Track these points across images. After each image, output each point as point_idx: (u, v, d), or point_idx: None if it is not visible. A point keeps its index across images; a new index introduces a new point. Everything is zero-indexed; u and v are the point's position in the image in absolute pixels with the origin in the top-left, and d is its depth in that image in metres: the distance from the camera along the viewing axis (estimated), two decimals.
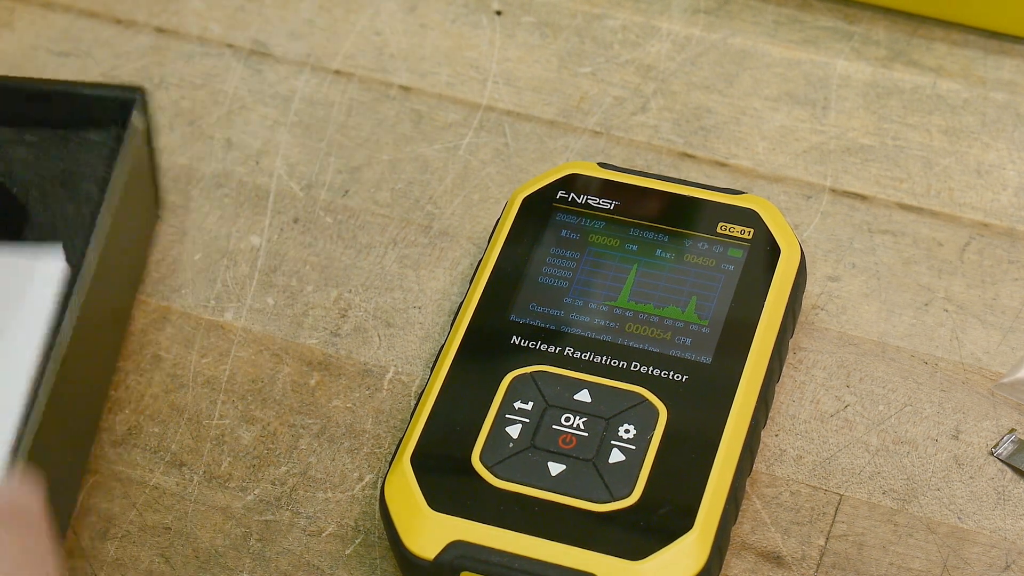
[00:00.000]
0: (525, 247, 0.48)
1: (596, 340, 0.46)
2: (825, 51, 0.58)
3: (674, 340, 0.46)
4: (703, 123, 0.56)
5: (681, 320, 0.46)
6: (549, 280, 0.47)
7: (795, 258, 0.47)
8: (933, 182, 0.54)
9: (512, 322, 0.47)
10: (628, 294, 0.47)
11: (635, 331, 0.46)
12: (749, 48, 0.58)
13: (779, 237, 0.48)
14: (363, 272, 0.52)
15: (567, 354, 0.46)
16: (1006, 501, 0.46)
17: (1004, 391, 0.48)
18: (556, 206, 0.49)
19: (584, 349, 0.46)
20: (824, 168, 0.54)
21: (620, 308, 0.46)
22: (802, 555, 0.44)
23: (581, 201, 0.49)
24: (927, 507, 0.45)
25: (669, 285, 0.47)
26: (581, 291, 0.47)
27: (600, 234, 0.48)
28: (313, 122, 0.56)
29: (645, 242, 0.48)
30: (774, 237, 0.48)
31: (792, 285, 0.47)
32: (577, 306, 0.47)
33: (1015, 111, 0.56)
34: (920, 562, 0.44)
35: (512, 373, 0.45)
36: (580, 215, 0.49)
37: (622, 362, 0.45)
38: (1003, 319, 0.50)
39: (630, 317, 0.46)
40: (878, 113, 0.56)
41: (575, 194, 0.49)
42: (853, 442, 0.47)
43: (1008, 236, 0.52)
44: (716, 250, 0.47)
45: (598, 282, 0.47)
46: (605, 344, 0.46)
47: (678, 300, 0.46)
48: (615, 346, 0.46)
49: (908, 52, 0.58)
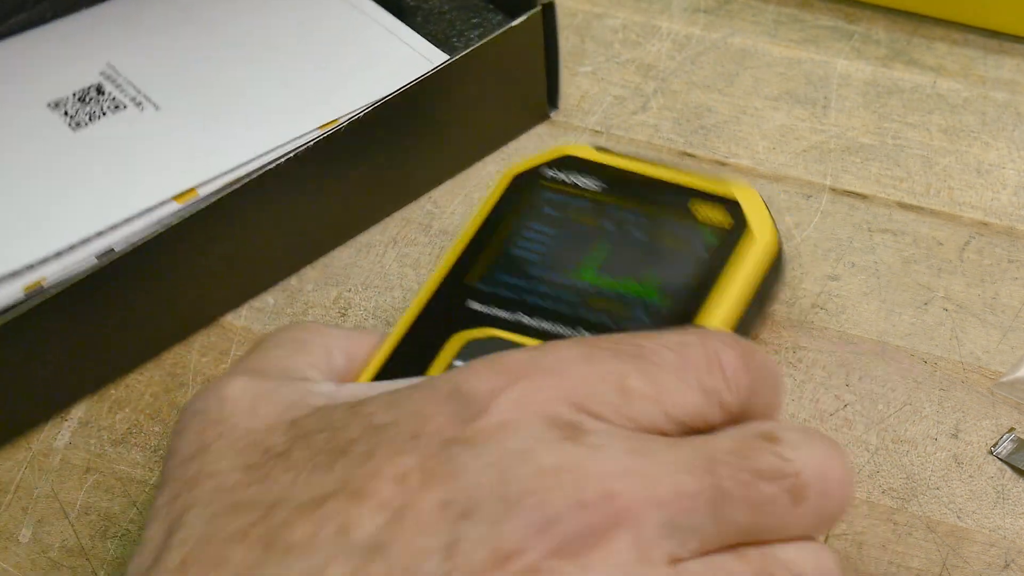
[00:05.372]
0: (504, 220, 0.47)
1: (552, 311, 0.45)
2: (825, 50, 0.58)
3: (627, 315, 0.45)
4: (703, 122, 0.56)
5: (640, 297, 0.45)
6: (520, 252, 0.47)
7: (769, 249, 0.46)
8: (933, 181, 0.54)
9: (472, 288, 0.46)
10: (594, 270, 0.46)
11: (593, 304, 0.45)
12: (749, 47, 0.58)
13: (755, 226, 0.46)
14: (363, 271, 0.52)
15: (521, 322, 0.44)
16: (1005, 500, 0.46)
17: (1003, 390, 0.48)
18: (543, 184, 0.49)
19: (539, 317, 0.45)
20: (824, 167, 0.54)
21: (583, 282, 0.45)
22: None
23: (568, 181, 0.48)
24: (926, 506, 0.46)
25: (636, 266, 0.46)
26: (548, 264, 0.46)
27: (580, 212, 0.47)
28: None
29: (622, 222, 0.47)
30: (751, 226, 0.46)
31: (762, 277, 0.46)
32: (540, 277, 0.46)
33: (1015, 110, 0.56)
34: (919, 561, 0.44)
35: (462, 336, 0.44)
36: (565, 194, 0.48)
37: (571, 330, 0.44)
38: (1003, 318, 0.50)
39: (591, 291, 0.45)
40: (878, 112, 0.56)
41: (564, 174, 0.49)
42: (853, 441, 0.47)
43: (1008, 235, 0.52)
44: (691, 235, 0.46)
45: (566, 256, 0.46)
46: (561, 315, 0.45)
47: (641, 279, 0.45)
48: (570, 318, 0.45)
49: (908, 51, 0.58)
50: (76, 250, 0.47)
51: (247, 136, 0.50)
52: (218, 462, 0.34)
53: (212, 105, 0.52)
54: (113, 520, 0.47)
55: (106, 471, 0.48)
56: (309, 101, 0.51)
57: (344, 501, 0.32)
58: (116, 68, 0.53)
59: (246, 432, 0.34)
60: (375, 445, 0.32)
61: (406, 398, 0.34)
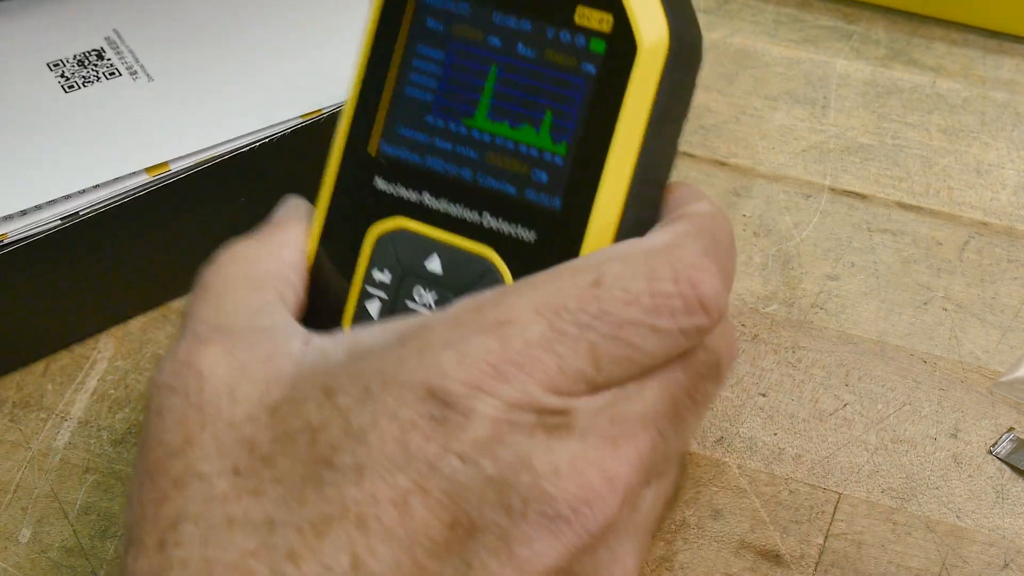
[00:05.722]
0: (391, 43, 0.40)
1: (453, 180, 0.39)
2: (825, 50, 0.58)
3: (527, 177, 0.39)
4: (703, 122, 0.56)
5: (535, 146, 0.39)
6: (415, 91, 0.40)
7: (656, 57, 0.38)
8: (932, 181, 0.54)
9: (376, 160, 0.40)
10: (486, 108, 0.39)
11: (491, 163, 0.39)
12: (749, 47, 0.58)
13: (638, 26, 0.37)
14: None
15: (425, 203, 0.40)
16: (1005, 500, 0.46)
17: (1003, 390, 0.48)
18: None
19: (440, 194, 0.39)
20: (823, 167, 0.54)
21: (478, 130, 0.39)
22: (801, 554, 0.44)
23: None
24: (926, 506, 0.46)
25: (526, 95, 0.39)
26: (443, 105, 0.40)
27: (463, 23, 0.40)
28: None
29: (506, 34, 0.39)
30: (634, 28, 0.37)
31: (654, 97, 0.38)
32: (438, 128, 0.40)
33: (1014, 110, 0.56)
34: (919, 560, 0.44)
35: (375, 229, 0.40)
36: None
37: (474, 212, 0.39)
38: (1002, 318, 0.50)
39: (488, 144, 0.39)
40: (877, 112, 0.56)
41: None
42: (852, 441, 0.47)
43: (1007, 235, 0.52)
44: (576, 44, 0.38)
45: (458, 92, 0.39)
46: (461, 186, 0.39)
47: (533, 116, 0.39)
48: (470, 189, 0.39)
49: (908, 51, 0.58)
50: (42, 210, 0.48)
51: (231, 117, 0.50)
52: (204, 462, 0.33)
53: (205, 82, 0.52)
54: (113, 520, 0.46)
55: (106, 471, 0.48)
56: (300, 88, 0.52)
57: (350, 529, 0.31)
58: (121, 35, 0.53)
59: (228, 426, 0.34)
60: (363, 460, 0.32)
61: (378, 390, 0.33)
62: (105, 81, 0.52)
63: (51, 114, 0.51)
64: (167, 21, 0.54)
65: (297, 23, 0.54)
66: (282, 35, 0.54)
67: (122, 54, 0.53)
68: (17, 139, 0.50)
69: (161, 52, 0.53)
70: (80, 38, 0.54)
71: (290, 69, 0.52)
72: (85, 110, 0.51)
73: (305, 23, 0.54)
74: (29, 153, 0.49)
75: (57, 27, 0.54)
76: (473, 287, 0.38)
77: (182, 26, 0.54)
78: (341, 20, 0.54)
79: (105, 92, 0.52)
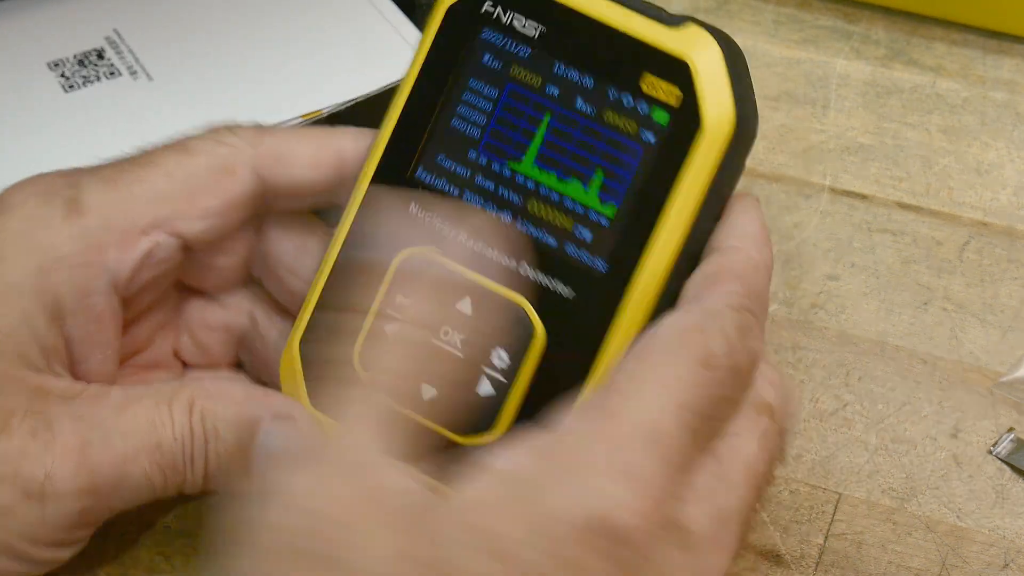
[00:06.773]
0: (443, 73, 0.40)
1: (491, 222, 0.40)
2: (825, 50, 0.58)
3: (570, 233, 0.39)
4: None
5: (581, 203, 0.39)
6: (461, 124, 0.40)
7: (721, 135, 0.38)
8: (932, 181, 0.54)
9: (415, 181, 0.40)
10: (535, 155, 0.39)
11: (532, 212, 0.39)
12: (749, 47, 0.58)
13: (706, 104, 0.38)
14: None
15: (459, 240, 0.39)
16: (1005, 500, 0.46)
17: (1003, 390, 0.48)
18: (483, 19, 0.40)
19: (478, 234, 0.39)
20: (823, 167, 0.54)
21: (523, 175, 0.39)
22: (801, 554, 0.44)
23: (507, 20, 0.40)
24: (926, 506, 0.46)
25: (578, 150, 0.39)
26: (490, 144, 0.40)
27: (522, 66, 0.40)
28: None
29: (566, 85, 0.39)
30: (701, 106, 0.38)
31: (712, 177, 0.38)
32: (481, 166, 0.40)
33: (1014, 110, 0.56)
34: (919, 560, 0.44)
35: (403, 253, 0.39)
36: (506, 34, 0.40)
37: (512, 259, 0.39)
38: (1002, 318, 0.50)
39: (531, 191, 0.39)
40: (877, 112, 0.56)
41: (502, 7, 0.40)
42: (852, 441, 0.47)
43: (1007, 235, 0.52)
44: (639, 110, 0.38)
45: (508, 134, 0.40)
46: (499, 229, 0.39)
47: (583, 173, 0.39)
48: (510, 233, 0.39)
49: (907, 51, 0.58)
50: None
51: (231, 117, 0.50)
52: None
53: (204, 83, 0.52)
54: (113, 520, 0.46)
55: None
56: (297, 90, 0.52)
57: None
58: (121, 35, 0.53)
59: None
60: None
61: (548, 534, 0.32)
62: (105, 80, 0.52)
63: (48, 113, 0.51)
64: (167, 21, 0.55)
65: (297, 23, 0.54)
66: (282, 35, 0.54)
67: (122, 54, 0.53)
68: (17, 139, 0.50)
69: (161, 52, 0.53)
70: (80, 38, 0.54)
71: (290, 69, 0.52)
72: (83, 109, 0.51)
73: (305, 23, 0.54)
74: (29, 153, 0.49)
75: (57, 27, 0.54)
76: (504, 333, 0.39)
77: (182, 26, 0.54)
78: (341, 20, 0.54)
79: (105, 91, 0.52)
